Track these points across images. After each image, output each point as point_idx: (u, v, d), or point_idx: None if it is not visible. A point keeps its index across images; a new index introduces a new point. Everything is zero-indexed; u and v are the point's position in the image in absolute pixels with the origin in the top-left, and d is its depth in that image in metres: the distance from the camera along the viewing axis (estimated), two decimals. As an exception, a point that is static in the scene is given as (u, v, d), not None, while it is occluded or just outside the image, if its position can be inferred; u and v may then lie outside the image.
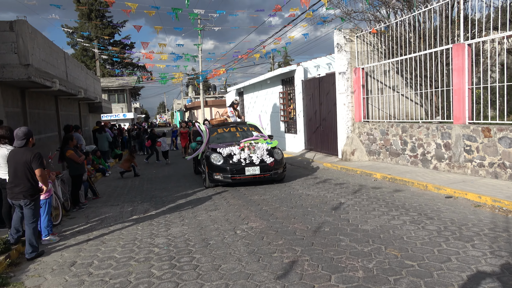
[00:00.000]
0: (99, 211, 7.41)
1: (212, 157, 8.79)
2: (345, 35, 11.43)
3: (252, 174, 8.59)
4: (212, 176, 8.66)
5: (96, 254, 4.89)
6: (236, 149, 8.84)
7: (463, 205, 6.13)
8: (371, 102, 11.39)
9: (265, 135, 10.06)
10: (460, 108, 8.07)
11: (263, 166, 8.65)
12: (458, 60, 8.01)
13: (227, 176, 8.56)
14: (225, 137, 10.18)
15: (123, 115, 36.34)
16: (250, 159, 8.67)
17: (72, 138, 7.64)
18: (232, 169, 8.56)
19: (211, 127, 10.60)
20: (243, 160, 8.65)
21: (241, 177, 8.57)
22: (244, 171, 8.57)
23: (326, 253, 4.31)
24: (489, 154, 7.43)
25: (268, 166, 8.66)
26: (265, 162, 8.68)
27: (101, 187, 10.48)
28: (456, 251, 4.18)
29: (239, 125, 10.91)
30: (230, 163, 8.68)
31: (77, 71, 14.10)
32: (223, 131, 10.36)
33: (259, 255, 4.37)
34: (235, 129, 10.55)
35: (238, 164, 8.63)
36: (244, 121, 11.34)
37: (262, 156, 8.72)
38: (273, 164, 8.71)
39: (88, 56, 44.45)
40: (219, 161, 8.70)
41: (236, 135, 10.27)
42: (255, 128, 10.68)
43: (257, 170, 8.59)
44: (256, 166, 8.60)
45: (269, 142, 9.44)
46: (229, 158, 8.75)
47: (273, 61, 38.62)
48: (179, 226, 5.91)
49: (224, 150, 8.89)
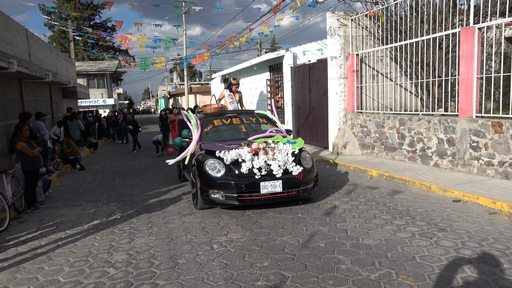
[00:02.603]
0: (57, 213, 6.39)
1: (207, 165, 5.74)
2: (339, 18, 10.47)
3: (271, 192, 5.57)
4: (208, 194, 5.62)
5: (36, 276, 3.92)
6: (245, 153, 5.71)
7: (475, 211, 5.34)
8: (365, 92, 10.52)
9: (281, 129, 7.06)
10: (467, 100, 7.26)
11: (287, 179, 5.66)
12: (467, 46, 7.16)
13: (232, 195, 5.52)
14: (225, 132, 7.12)
15: (103, 101, 34.79)
16: (268, 168, 5.67)
17: (22, 128, 6.53)
18: (240, 185, 5.51)
19: (204, 117, 7.45)
20: (256, 171, 5.58)
21: (253, 196, 5.55)
22: (258, 187, 5.53)
23: (323, 282, 3.43)
24: (500, 152, 6.65)
25: (294, 179, 5.70)
26: (290, 174, 5.72)
27: (67, 181, 9.43)
28: (485, 280, 3.35)
29: (243, 114, 7.59)
30: (236, 174, 5.62)
31: (44, 52, 12.79)
32: (222, 124, 7.20)
33: (238, 284, 3.46)
34: (239, 120, 7.31)
35: (249, 176, 5.59)
36: (251, 110, 8.02)
37: (285, 164, 5.73)
38: (302, 176, 5.77)
39: (67, 39, 42.31)
40: (218, 171, 5.68)
41: (242, 130, 7.16)
42: (268, 120, 7.51)
43: (278, 186, 5.60)
44: (277, 180, 5.61)
45: (290, 140, 6.36)
46: (235, 167, 5.69)
47: (260, 47, 37.45)
48: (145, 236, 4.96)
49: (227, 154, 5.72)
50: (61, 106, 17.18)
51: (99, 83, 35.62)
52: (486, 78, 7.58)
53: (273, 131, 6.85)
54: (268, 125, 7.34)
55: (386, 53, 10.28)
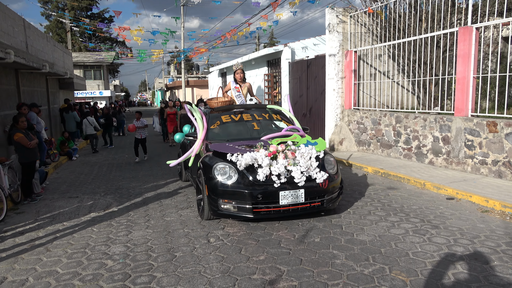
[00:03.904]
0: (54, 204, 6.42)
1: (216, 170, 4.95)
2: (338, 14, 10.48)
3: (292, 203, 4.78)
4: (217, 205, 4.87)
5: (34, 267, 3.96)
6: (262, 156, 4.87)
7: (468, 209, 5.43)
8: (362, 89, 10.57)
9: (298, 127, 6.31)
10: (463, 99, 7.33)
11: (310, 188, 4.86)
12: (464, 45, 7.22)
13: (246, 206, 4.74)
14: (235, 130, 6.26)
15: (100, 92, 34.63)
16: (288, 175, 4.86)
17: (19, 119, 6.53)
18: (256, 194, 4.71)
19: (210, 112, 6.58)
20: (275, 178, 4.78)
21: (271, 208, 4.77)
22: (277, 197, 4.73)
23: (318, 276, 3.50)
24: (494, 151, 6.74)
25: (318, 188, 4.91)
26: (313, 181, 4.92)
27: (64, 173, 9.44)
28: (475, 276, 3.43)
29: (255, 110, 6.71)
30: (251, 181, 4.81)
31: (41, 42, 12.72)
32: (231, 120, 6.35)
33: (235, 277, 3.53)
34: (250, 116, 6.45)
35: (266, 184, 4.78)
36: (263, 104, 7.15)
37: (309, 170, 4.91)
38: (327, 184, 5.00)
39: (64, 29, 41.97)
40: (229, 177, 4.87)
41: (253, 128, 6.27)
42: (282, 116, 6.73)
43: (300, 195, 4.79)
44: (298, 188, 4.80)
45: (311, 141, 5.56)
46: (249, 173, 4.88)
47: (258, 41, 37.35)
48: (142, 228, 5.01)
49: (241, 157, 4.90)
50: (57, 97, 17.10)
51: (95, 74, 35.42)
52: (482, 77, 7.64)
53: (290, 130, 6.08)
54: (283, 122, 6.52)
55: (384, 50, 10.32)
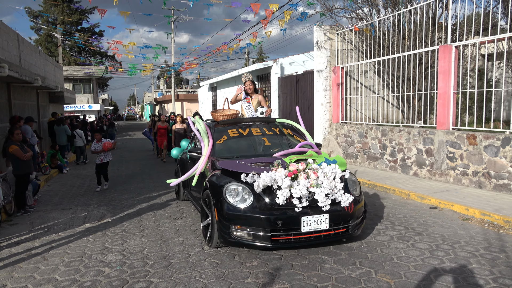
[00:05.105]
0: (47, 216, 6.49)
1: (228, 191, 4.35)
2: (325, 32, 10.90)
3: (315, 230, 4.23)
4: (229, 232, 4.25)
5: (32, 275, 4.06)
6: (282, 176, 4.25)
7: (450, 217, 5.70)
8: (349, 103, 10.94)
9: (311, 142, 5.75)
10: (445, 113, 7.70)
11: (335, 212, 4.31)
12: (445, 62, 7.62)
13: (263, 234, 4.15)
14: (244, 145, 5.71)
15: (89, 106, 34.58)
16: (310, 197, 4.29)
17: (14, 132, 6.64)
18: (275, 220, 4.13)
19: (214, 125, 6.02)
20: (296, 201, 4.19)
21: (291, 236, 4.21)
22: (298, 223, 4.17)
23: (309, 279, 3.69)
24: (474, 162, 7.08)
25: (344, 212, 4.36)
26: (337, 205, 4.37)
27: (55, 185, 9.48)
28: (455, 277, 3.67)
29: (264, 124, 6.15)
30: (268, 204, 4.22)
31: (33, 56, 12.85)
32: (239, 135, 5.79)
33: (229, 281, 3.69)
34: (260, 131, 5.90)
35: (285, 208, 4.21)
36: (272, 118, 6.44)
37: (333, 192, 4.35)
38: (353, 207, 4.44)
39: (53, 43, 42.03)
40: (243, 200, 4.28)
41: (264, 143, 5.73)
42: (293, 130, 6.18)
43: (324, 221, 4.25)
44: (322, 213, 4.25)
45: (329, 159, 4.99)
46: (265, 194, 4.29)
47: (248, 56, 37.93)
48: (137, 238, 5.14)
49: (257, 178, 4.28)
50: (47, 111, 17.14)
51: (85, 88, 35.42)
52: (462, 92, 8.05)
53: (303, 146, 5.54)
54: (294, 137, 6.01)
55: (370, 66, 10.73)
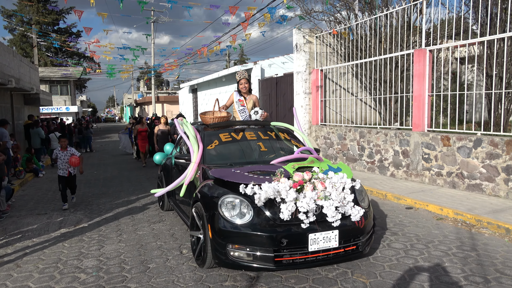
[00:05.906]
0: (21, 221, 6.32)
1: (224, 205, 3.80)
2: (305, 35, 11.02)
3: (323, 248, 3.69)
4: (225, 252, 3.69)
5: (4, 283, 3.95)
6: (286, 188, 3.68)
7: (425, 217, 5.85)
8: (328, 105, 11.08)
9: (311, 148, 5.16)
10: (420, 115, 7.89)
11: (344, 227, 3.80)
12: (419, 66, 7.82)
13: (265, 254, 3.60)
14: (238, 151, 5.11)
15: (66, 108, 33.86)
16: (318, 211, 3.77)
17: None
18: (279, 238, 3.59)
19: (203, 129, 5.43)
20: (302, 216, 3.65)
21: (297, 256, 3.66)
22: (305, 241, 3.64)
23: (286, 281, 3.72)
24: (448, 163, 7.28)
25: (354, 227, 3.86)
26: (347, 219, 3.86)
27: (30, 190, 9.24)
28: (428, 276, 3.77)
29: (258, 127, 5.55)
30: (270, 219, 3.68)
31: (7, 57, 12.49)
32: (232, 139, 5.19)
33: (207, 285, 3.69)
34: (255, 135, 5.31)
35: (290, 224, 3.66)
36: (266, 121, 5.84)
37: (342, 205, 3.80)
38: (363, 222, 3.94)
39: (29, 43, 40.92)
40: (241, 214, 3.73)
41: (260, 149, 5.15)
42: (289, 135, 5.63)
43: (333, 238, 3.72)
44: (332, 229, 3.72)
45: (332, 166, 4.45)
46: (266, 208, 3.73)
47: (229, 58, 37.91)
48: (115, 243, 5.06)
49: (259, 190, 3.68)
50: (22, 113, 16.68)
51: (62, 90, 34.65)
52: (437, 95, 8.27)
53: (303, 151, 5.05)
54: (292, 142, 5.48)
55: (348, 69, 10.90)
